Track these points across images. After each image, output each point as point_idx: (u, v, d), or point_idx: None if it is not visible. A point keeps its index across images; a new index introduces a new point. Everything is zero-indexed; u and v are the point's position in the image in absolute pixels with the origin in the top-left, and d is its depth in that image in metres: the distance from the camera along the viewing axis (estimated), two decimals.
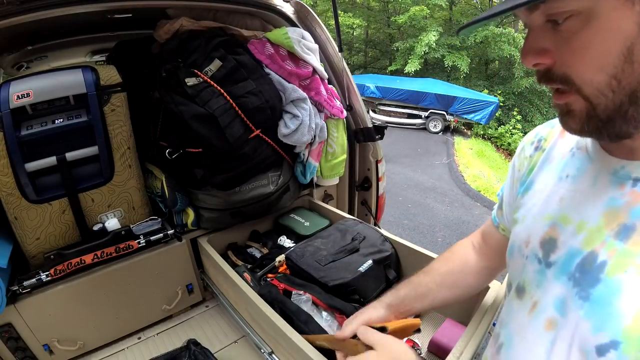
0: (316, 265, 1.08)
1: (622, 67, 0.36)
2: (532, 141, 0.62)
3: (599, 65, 0.37)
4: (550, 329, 0.47)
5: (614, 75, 0.37)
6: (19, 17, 0.98)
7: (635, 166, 0.43)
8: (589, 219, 0.46)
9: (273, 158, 1.31)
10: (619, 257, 0.41)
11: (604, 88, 0.38)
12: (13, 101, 0.97)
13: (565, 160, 0.53)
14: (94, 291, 1.11)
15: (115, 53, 1.60)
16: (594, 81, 0.38)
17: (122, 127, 1.14)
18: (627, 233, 0.41)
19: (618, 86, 0.37)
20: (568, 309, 0.45)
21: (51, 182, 1.07)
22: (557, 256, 0.48)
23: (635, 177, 0.43)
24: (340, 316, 0.98)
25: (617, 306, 0.39)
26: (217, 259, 1.15)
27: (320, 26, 1.57)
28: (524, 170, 0.62)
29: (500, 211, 0.71)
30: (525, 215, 0.56)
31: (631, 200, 0.42)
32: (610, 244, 0.42)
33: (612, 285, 0.40)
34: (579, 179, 0.49)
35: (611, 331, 0.39)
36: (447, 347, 0.93)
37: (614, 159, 0.45)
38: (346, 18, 12.99)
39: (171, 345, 1.12)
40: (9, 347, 1.01)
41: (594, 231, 0.45)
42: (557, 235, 0.49)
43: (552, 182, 0.54)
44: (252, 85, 1.20)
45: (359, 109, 1.64)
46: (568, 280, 0.46)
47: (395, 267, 1.17)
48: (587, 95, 0.39)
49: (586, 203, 0.47)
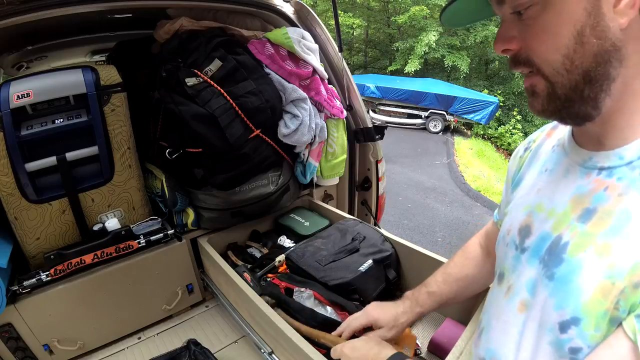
0: (316, 265, 1.08)
1: (574, 47, 0.41)
2: (524, 144, 0.68)
3: (554, 46, 0.42)
4: (523, 310, 0.51)
5: (567, 55, 0.42)
6: (19, 17, 0.98)
7: (601, 157, 0.47)
8: (558, 205, 0.50)
9: (273, 158, 1.31)
10: (580, 237, 0.45)
11: (559, 67, 0.43)
12: (13, 101, 0.97)
13: (548, 156, 0.58)
14: (94, 291, 1.11)
15: (115, 53, 1.60)
16: (551, 60, 0.43)
17: (122, 127, 1.14)
18: (589, 216, 0.45)
19: (571, 65, 0.42)
20: (537, 289, 0.49)
21: (51, 182, 1.07)
22: (530, 241, 0.52)
23: (601, 167, 0.47)
24: (341, 313, 0.98)
25: (578, 283, 0.43)
26: (217, 259, 1.15)
27: (320, 26, 1.57)
28: (514, 169, 0.67)
29: (500, 210, 0.75)
30: (511, 208, 0.61)
31: (595, 187, 0.46)
32: (573, 227, 0.46)
33: (574, 263, 0.44)
34: (555, 172, 0.54)
35: (572, 307, 0.43)
36: (446, 347, 0.93)
37: (584, 151, 0.50)
38: (346, 18, 12.99)
39: (171, 345, 1.12)
40: (9, 347, 1.01)
41: (561, 215, 0.49)
42: (532, 223, 0.53)
43: (535, 176, 0.58)
44: (252, 85, 1.20)
45: (359, 109, 1.64)
46: (539, 264, 0.49)
47: (395, 267, 1.17)
48: (547, 75, 0.44)
49: (557, 192, 0.51)
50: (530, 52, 0.45)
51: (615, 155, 0.45)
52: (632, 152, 0.44)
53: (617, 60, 0.41)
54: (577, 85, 0.43)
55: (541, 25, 0.43)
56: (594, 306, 0.41)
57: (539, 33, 0.43)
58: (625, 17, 0.40)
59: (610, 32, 0.40)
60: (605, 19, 0.40)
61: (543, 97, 0.46)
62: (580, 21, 0.40)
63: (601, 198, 0.45)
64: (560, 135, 0.58)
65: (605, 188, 0.45)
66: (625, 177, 0.43)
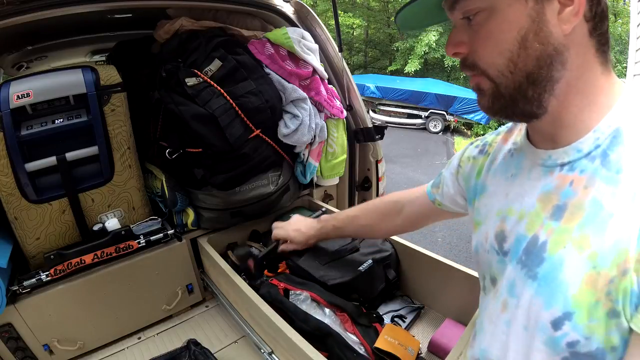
0: (316, 265, 1.08)
1: (518, 52, 0.44)
2: (477, 145, 0.70)
3: (498, 50, 0.45)
4: (504, 310, 0.52)
5: (510, 59, 0.44)
6: (19, 17, 0.98)
7: (559, 153, 0.48)
8: (528, 206, 0.51)
9: (273, 158, 1.31)
10: (557, 234, 0.45)
11: (504, 69, 0.45)
12: (13, 101, 0.97)
13: (507, 161, 0.59)
14: (94, 291, 1.11)
15: (115, 53, 1.60)
16: (496, 64, 0.45)
17: (122, 127, 1.14)
18: (560, 212, 0.46)
19: (515, 68, 0.44)
20: (517, 290, 0.50)
21: (51, 182, 1.07)
22: (508, 245, 0.53)
23: (561, 162, 0.48)
24: (341, 314, 0.98)
25: (563, 279, 0.43)
26: (217, 259, 1.15)
27: (320, 26, 1.57)
28: (468, 170, 0.69)
29: (437, 189, 0.80)
30: (482, 216, 0.62)
31: (559, 183, 0.47)
32: (548, 225, 0.47)
33: (555, 260, 0.44)
34: (519, 175, 0.55)
35: (562, 303, 0.43)
36: (446, 347, 0.93)
37: (542, 150, 0.51)
38: (346, 18, 12.99)
39: (171, 345, 1.12)
40: (9, 347, 1.01)
41: (533, 215, 0.50)
42: (505, 227, 0.54)
43: (499, 183, 0.59)
44: (252, 85, 1.20)
45: (359, 109, 1.64)
46: (517, 264, 0.50)
47: (395, 267, 1.17)
48: (491, 76, 0.46)
49: (525, 194, 0.52)
50: (476, 56, 0.47)
51: (572, 149, 0.47)
52: (587, 144, 0.45)
53: (560, 63, 0.43)
54: (521, 86, 0.45)
55: (487, 31, 0.45)
56: (584, 298, 0.41)
57: (485, 38, 0.45)
58: (568, 23, 0.42)
59: (553, 37, 0.42)
60: (548, 25, 0.42)
61: (489, 95, 0.48)
62: (524, 27, 0.43)
63: (568, 193, 0.46)
64: (515, 139, 0.59)
65: (570, 183, 0.46)
66: (587, 169, 0.45)
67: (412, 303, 1.14)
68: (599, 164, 0.44)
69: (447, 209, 0.80)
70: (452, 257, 1.41)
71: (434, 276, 1.09)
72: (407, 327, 1.07)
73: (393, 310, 1.11)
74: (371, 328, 0.96)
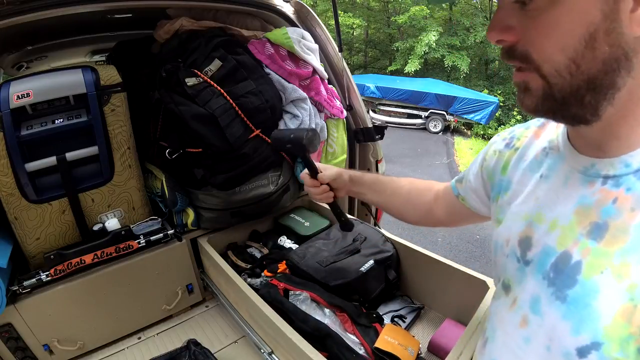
0: (317, 267, 1.08)
1: (583, 51, 0.37)
2: (505, 137, 0.64)
3: (560, 45, 0.38)
4: (524, 326, 0.48)
5: (573, 59, 0.37)
6: (19, 17, 0.98)
7: (605, 164, 0.43)
8: (561, 217, 0.46)
9: (273, 158, 1.31)
10: (594, 257, 0.41)
11: (563, 69, 0.38)
12: (13, 101, 0.97)
13: (539, 160, 0.54)
14: (94, 291, 1.11)
15: (115, 53, 1.60)
16: (554, 61, 0.38)
17: (122, 127, 1.14)
18: (600, 232, 0.41)
19: (577, 70, 0.38)
20: (542, 308, 0.45)
21: (51, 182, 1.07)
22: (533, 254, 0.49)
23: (605, 175, 0.43)
24: (341, 314, 0.98)
25: (595, 307, 0.39)
26: (217, 259, 1.15)
27: (320, 26, 1.57)
28: (493, 165, 0.63)
29: (461, 184, 0.74)
30: (506, 215, 0.57)
31: (601, 198, 0.42)
32: (584, 244, 0.42)
33: (590, 286, 0.40)
34: (552, 178, 0.50)
35: (591, 332, 0.39)
36: (446, 347, 0.93)
37: (584, 157, 0.45)
38: (346, 18, 12.99)
39: (171, 345, 1.12)
40: (9, 347, 1.01)
41: (567, 229, 0.45)
42: (532, 234, 0.50)
43: (528, 182, 0.54)
44: (252, 85, 1.20)
45: (359, 109, 1.64)
46: (543, 279, 0.46)
47: (396, 267, 1.17)
48: (545, 74, 0.40)
49: (558, 201, 0.47)
50: (530, 46, 0.40)
51: (620, 162, 0.41)
52: (638, 159, 0.40)
53: (626, 69, 0.37)
54: (579, 91, 0.39)
55: (548, 19, 0.37)
56: (617, 331, 0.37)
57: (545, 27, 0.38)
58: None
59: (624, 39, 0.36)
60: (621, 25, 0.35)
61: (537, 96, 0.42)
62: (594, 23, 0.36)
63: (611, 212, 0.41)
64: (551, 136, 0.54)
65: (613, 200, 0.41)
66: (635, 188, 0.40)
67: (412, 303, 1.14)
68: None
69: (470, 206, 0.73)
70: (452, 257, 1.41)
71: (434, 276, 1.09)
72: (407, 327, 1.07)
73: (393, 311, 1.11)
74: (371, 328, 0.96)
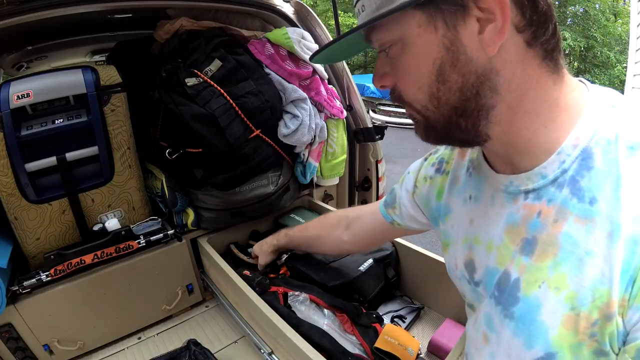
0: (316, 267, 1.09)
1: (437, 86, 0.40)
2: (433, 162, 0.64)
3: (417, 85, 0.41)
4: (486, 343, 0.49)
5: (431, 94, 0.40)
6: (19, 17, 0.98)
7: (522, 179, 0.43)
8: (495, 238, 0.47)
9: (273, 158, 1.31)
10: (529, 273, 0.41)
11: (428, 105, 0.41)
12: (13, 101, 0.97)
13: (466, 181, 0.55)
14: (94, 291, 1.11)
15: (115, 53, 1.60)
16: (418, 99, 0.42)
17: (122, 127, 1.14)
18: (531, 248, 0.42)
19: (439, 103, 0.41)
20: (496, 327, 0.46)
21: (51, 182, 1.07)
22: (479, 275, 0.50)
23: (525, 189, 0.43)
24: (340, 315, 0.98)
25: (541, 321, 0.40)
26: (217, 259, 1.15)
27: (320, 26, 1.57)
28: (425, 192, 0.64)
29: (394, 210, 0.76)
30: (451, 240, 0.58)
31: (526, 214, 0.43)
32: (518, 261, 0.43)
33: (531, 302, 0.41)
34: (481, 199, 0.51)
35: (542, 345, 0.40)
36: (446, 347, 0.93)
37: (502, 175, 0.46)
38: (346, 18, 12.99)
39: (171, 345, 1.12)
40: (9, 347, 1.01)
41: (502, 249, 0.46)
42: (474, 257, 0.51)
43: (463, 205, 0.55)
44: (252, 85, 1.20)
45: (359, 109, 1.64)
46: (490, 298, 0.47)
47: (395, 267, 1.18)
48: (418, 110, 0.43)
49: (490, 222, 0.48)
50: (400, 90, 0.44)
51: (535, 175, 0.42)
52: (552, 169, 0.40)
53: (489, 90, 0.38)
54: (451, 118, 0.41)
55: (402, 65, 0.41)
56: (565, 339, 0.38)
57: (403, 72, 0.42)
58: (492, 44, 0.36)
59: (474, 64, 0.37)
60: (467, 51, 0.37)
61: (422, 127, 0.45)
62: (439, 58, 0.38)
63: (537, 226, 0.41)
64: (472, 155, 0.55)
65: (538, 214, 0.41)
66: (555, 198, 0.40)
67: (412, 303, 1.14)
68: (568, 192, 0.39)
69: (408, 227, 0.77)
70: None
71: (434, 276, 1.09)
72: (407, 327, 1.07)
73: (393, 311, 1.11)
74: (371, 328, 0.96)
